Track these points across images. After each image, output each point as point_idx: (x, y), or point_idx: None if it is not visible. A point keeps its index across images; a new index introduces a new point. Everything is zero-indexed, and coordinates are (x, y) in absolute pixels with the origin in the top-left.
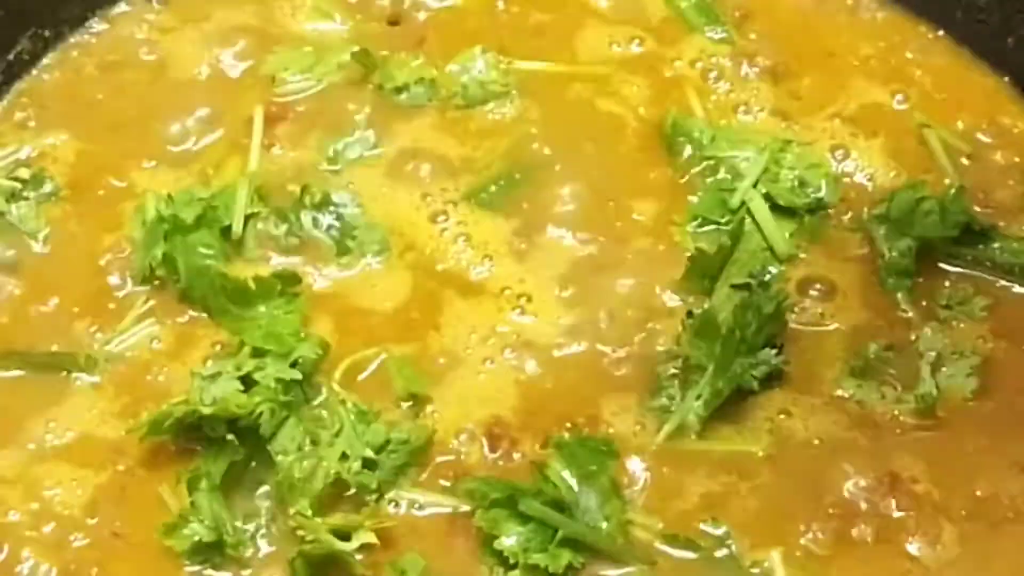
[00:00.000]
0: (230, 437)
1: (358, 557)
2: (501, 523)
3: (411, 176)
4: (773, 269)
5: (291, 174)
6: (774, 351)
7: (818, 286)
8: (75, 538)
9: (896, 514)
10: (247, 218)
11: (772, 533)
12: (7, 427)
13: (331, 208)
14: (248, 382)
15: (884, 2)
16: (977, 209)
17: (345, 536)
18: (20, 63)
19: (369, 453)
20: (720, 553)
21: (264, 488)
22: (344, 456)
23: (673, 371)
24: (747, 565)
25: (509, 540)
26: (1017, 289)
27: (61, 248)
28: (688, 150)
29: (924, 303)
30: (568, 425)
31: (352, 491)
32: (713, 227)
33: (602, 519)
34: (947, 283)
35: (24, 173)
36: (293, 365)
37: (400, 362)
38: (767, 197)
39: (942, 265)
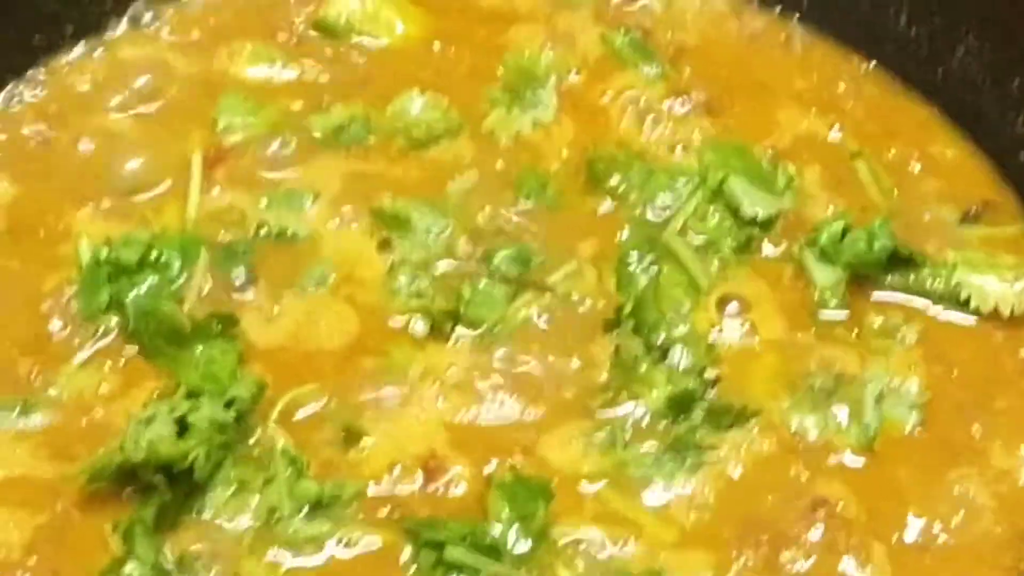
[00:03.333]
0: (158, 479)
1: None
2: (430, 566)
3: (356, 211)
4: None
5: (231, 216)
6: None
7: (737, 307)
8: None
9: (827, 538)
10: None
11: (704, 564)
12: None
13: (289, 241)
14: (183, 425)
15: (816, 36)
16: (907, 237)
17: None
18: None
19: (298, 514)
20: None
21: (199, 528)
22: (272, 511)
23: (604, 401)
24: None
25: None
26: (946, 315)
27: (1, 292)
28: (618, 186)
29: (856, 332)
30: (509, 463)
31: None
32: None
33: (533, 560)
34: (877, 312)
35: None
36: (228, 405)
37: (337, 404)
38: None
39: (873, 293)
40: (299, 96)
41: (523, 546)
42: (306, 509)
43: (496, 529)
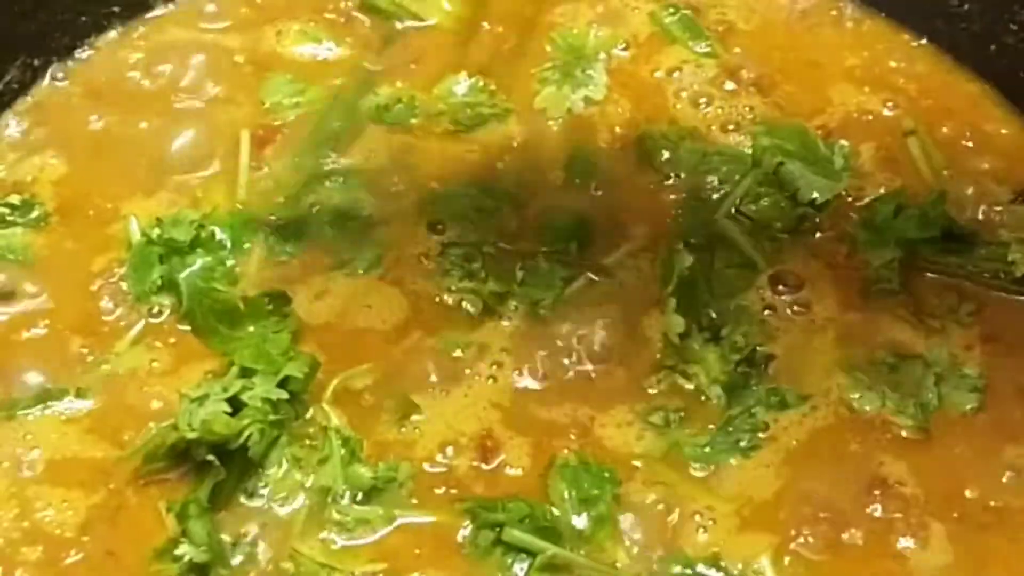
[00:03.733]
0: (211, 458)
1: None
2: (488, 546)
3: (405, 191)
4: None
5: (280, 195)
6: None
7: (791, 285)
8: (68, 555)
9: (885, 517)
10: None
11: (762, 544)
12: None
13: (339, 220)
14: (236, 403)
15: (867, 12)
16: (960, 215)
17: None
18: (9, 92)
19: (352, 497)
20: (710, 567)
21: (251, 508)
22: (326, 491)
23: (657, 381)
24: (737, 574)
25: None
26: (1001, 294)
27: (51, 273)
28: (669, 163)
29: (911, 310)
30: (565, 444)
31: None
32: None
33: (592, 543)
34: (932, 290)
35: (15, 199)
36: (281, 384)
37: (390, 383)
38: (747, 215)
39: (927, 271)
40: (346, 76)
41: (582, 528)
42: (360, 494)
43: (556, 511)
